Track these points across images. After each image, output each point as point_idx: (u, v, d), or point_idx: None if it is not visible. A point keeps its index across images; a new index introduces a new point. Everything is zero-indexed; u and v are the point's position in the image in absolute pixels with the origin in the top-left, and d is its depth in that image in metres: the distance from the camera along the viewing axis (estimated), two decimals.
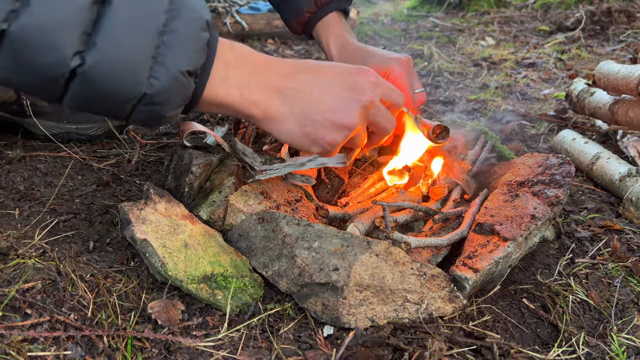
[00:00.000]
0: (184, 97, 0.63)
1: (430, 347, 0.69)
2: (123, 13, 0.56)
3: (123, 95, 0.59)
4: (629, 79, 1.25)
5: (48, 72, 0.55)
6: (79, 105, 0.60)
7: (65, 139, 1.30)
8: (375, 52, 1.08)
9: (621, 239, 1.03)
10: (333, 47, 1.13)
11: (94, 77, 0.56)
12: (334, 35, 1.13)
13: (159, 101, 0.61)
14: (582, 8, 3.31)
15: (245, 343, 0.72)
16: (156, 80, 0.59)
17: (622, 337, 0.78)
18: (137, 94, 0.59)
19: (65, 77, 0.56)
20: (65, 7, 0.53)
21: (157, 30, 0.58)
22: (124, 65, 0.57)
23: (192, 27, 0.61)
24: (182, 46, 0.60)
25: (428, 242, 0.86)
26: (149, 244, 0.79)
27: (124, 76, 0.58)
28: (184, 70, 0.60)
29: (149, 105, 0.61)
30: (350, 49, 1.11)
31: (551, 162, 1.03)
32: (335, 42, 1.13)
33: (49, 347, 0.65)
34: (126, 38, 0.57)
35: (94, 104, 0.61)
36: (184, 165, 1.00)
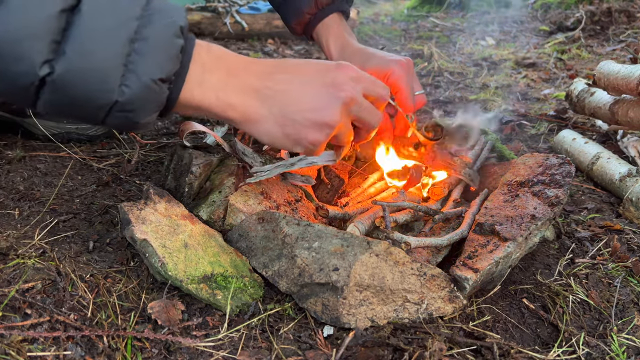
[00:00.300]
0: (157, 104, 0.63)
1: (430, 347, 0.69)
2: (92, 21, 0.56)
3: (94, 102, 0.59)
4: (629, 79, 1.25)
5: (18, 80, 0.55)
6: (52, 111, 0.60)
7: (65, 139, 1.30)
8: (375, 54, 1.08)
9: (621, 239, 1.03)
10: (333, 48, 1.13)
11: (64, 85, 0.56)
12: (334, 36, 1.13)
13: (131, 108, 0.60)
14: (582, 8, 3.31)
15: (245, 343, 0.72)
16: (127, 88, 0.58)
17: (622, 337, 0.78)
18: (108, 101, 0.59)
19: (35, 85, 0.56)
20: (33, 16, 0.53)
21: (128, 38, 0.57)
22: (94, 73, 0.57)
23: (165, 34, 0.60)
24: (154, 54, 0.59)
25: (428, 242, 0.86)
26: (148, 244, 0.79)
27: (94, 84, 0.57)
28: (156, 79, 0.60)
29: (122, 112, 0.60)
30: (350, 51, 1.11)
31: (551, 162, 1.03)
32: (335, 43, 1.13)
33: (48, 347, 0.65)
34: (96, 46, 0.56)
35: (67, 111, 0.60)
36: (184, 165, 1.00)
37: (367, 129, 0.82)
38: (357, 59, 1.08)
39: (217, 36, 3.04)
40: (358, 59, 1.08)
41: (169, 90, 0.63)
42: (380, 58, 1.06)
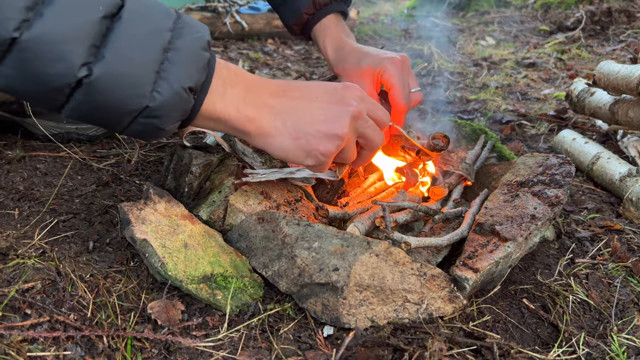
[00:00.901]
0: (183, 112, 0.65)
1: (430, 347, 0.69)
2: (131, 29, 0.59)
3: (125, 107, 0.61)
4: (629, 79, 1.25)
5: (54, 82, 0.56)
6: (78, 115, 0.61)
7: (65, 139, 1.30)
8: (369, 53, 1.08)
9: (621, 239, 1.03)
10: (329, 49, 1.14)
11: (99, 88, 0.58)
12: (331, 37, 1.14)
13: (159, 114, 0.63)
14: (582, 8, 3.31)
15: (245, 343, 0.72)
16: (159, 95, 0.61)
17: (622, 337, 0.78)
18: (139, 106, 0.61)
19: (70, 86, 0.57)
20: (76, 20, 0.55)
21: (162, 47, 0.61)
22: (129, 79, 0.59)
23: (194, 46, 0.64)
24: (185, 64, 0.63)
25: (428, 242, 0.86)
26: (148, 244, 0.79)
27: (128, 89, 0.59)
28: (186, 87, 0.63)
29: (148, 118, 0.63)
30: (345, 51, 1.12)
31: (551, 162, 1.03)
32: (331, 44, 1.14)
33: (48, 347, 0.64)
34: (133, 53, 0.59)
35: (94, 115, 0.62)
36: (183, 165, 1.00)
37: (371, 147, 0.83)
38: (353, 58, 1.09)
39: (217, 36, 3.04)
40: (354, 59, 1.08)
41: (194, 100, 0.66)
42: (374, 56, 1.06)
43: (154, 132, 0.65)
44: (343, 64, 1.11)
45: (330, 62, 1.14)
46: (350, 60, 1.09)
